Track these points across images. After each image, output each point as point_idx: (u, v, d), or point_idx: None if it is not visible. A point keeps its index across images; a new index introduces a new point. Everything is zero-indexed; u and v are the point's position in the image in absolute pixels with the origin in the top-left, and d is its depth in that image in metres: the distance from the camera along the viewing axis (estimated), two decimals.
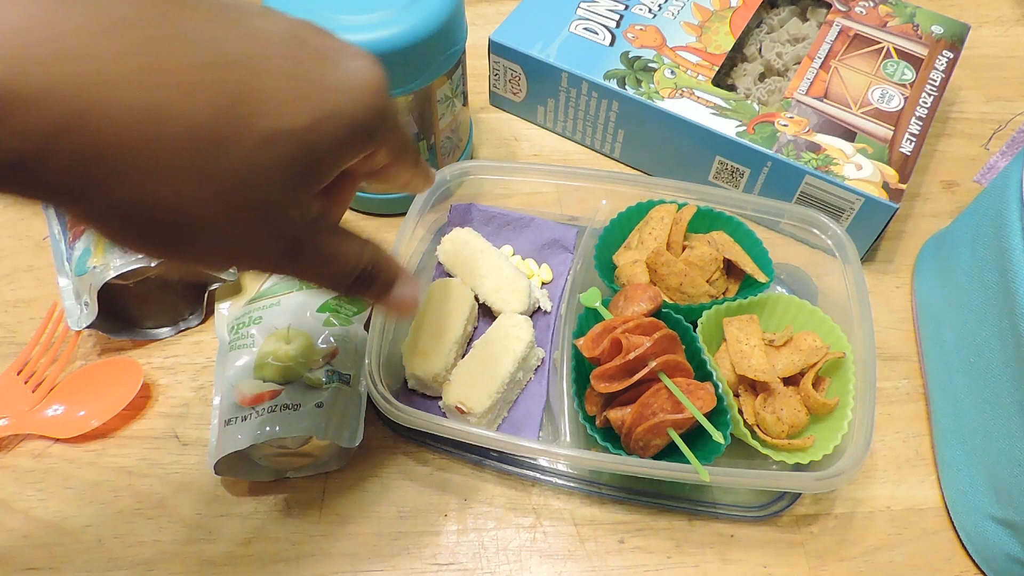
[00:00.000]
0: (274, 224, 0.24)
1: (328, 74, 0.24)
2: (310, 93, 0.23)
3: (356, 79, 0.25)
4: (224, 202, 0.22)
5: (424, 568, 0.40)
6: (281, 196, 0.24)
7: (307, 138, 0.23)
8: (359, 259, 0.28)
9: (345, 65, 0.25)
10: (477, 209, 0.51)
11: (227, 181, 0.22)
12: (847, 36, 0.57)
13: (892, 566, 0.41)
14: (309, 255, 0.26)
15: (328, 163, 0.25)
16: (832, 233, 0.46)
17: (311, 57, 0.24)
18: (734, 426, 0.40)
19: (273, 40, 0.23)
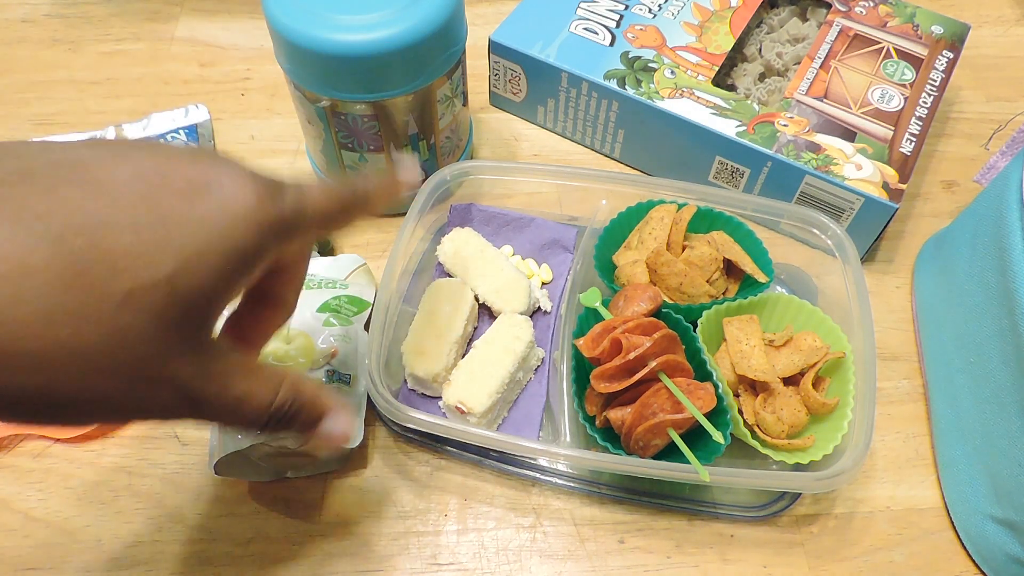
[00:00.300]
0: (157, 380, 0.23)
1: (192, 209, 0.23)
2: (168, 238, 0.22)
3: (226, 204, 0.24)
4: (97, 371, 0.22)
5: (424, 568, 0.40)
6: (158, 350, 0.23)
7: (173, 286, 0.22)
8: (270, 400, 0.27)
9: (212, 193, 0.24)
10: (477, 209, 0.51)
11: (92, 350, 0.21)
12: (847, 36, 0.57)
13: (892, 566, 0.41)
14: (211, 402, 0.25)
15: (208, 302, 0.24)
16: (832, 233, 0.46)
17: (171, 196, 0.23)
18: (734, 426, 0.40)
19: (122, 190, 0.22)
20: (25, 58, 0.63)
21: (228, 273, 0.24)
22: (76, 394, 0.22)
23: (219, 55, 0.64)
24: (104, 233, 0.21)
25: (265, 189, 0.25)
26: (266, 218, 0.25)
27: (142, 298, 0.22)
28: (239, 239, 0.24)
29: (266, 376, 0.27)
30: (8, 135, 0.58)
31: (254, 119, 0.60)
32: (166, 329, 0.23)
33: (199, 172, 0.24)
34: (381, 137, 0.47)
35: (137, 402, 0.24)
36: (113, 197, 0.22)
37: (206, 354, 0.25)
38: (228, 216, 0.24)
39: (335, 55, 0.41)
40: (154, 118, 0.55)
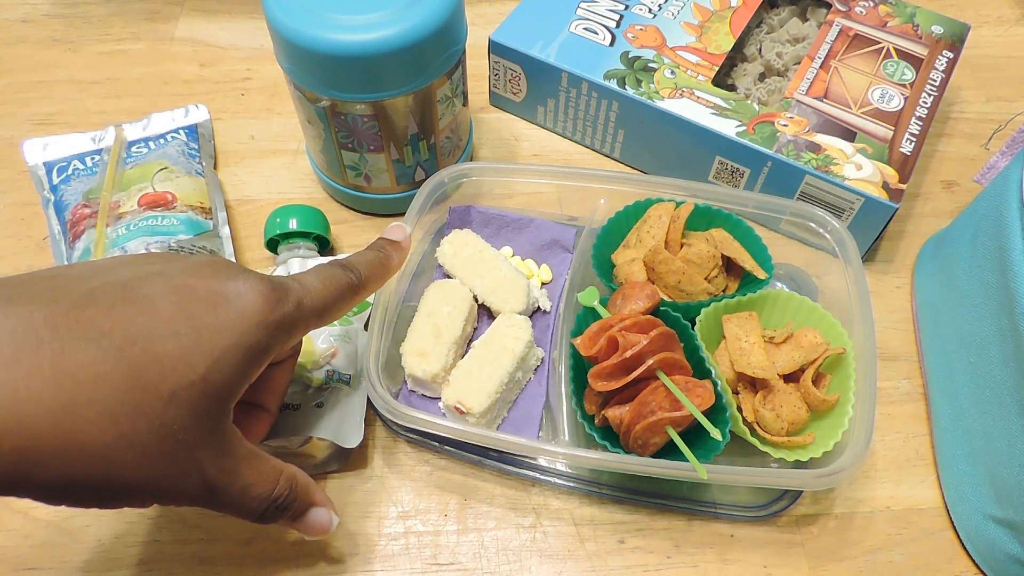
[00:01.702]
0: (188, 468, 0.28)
1: (216, 317, 0.28)
2: (200, 343, 0.27)
3: (242, 310, 0.29)
4: (146, 457, 0.26)
5: (424, 568, 0.40)
6: (192, 439, 0.27)
7: (206, 383, 0.27)
8: (272, 487, 0.31)
9: (231, 301, 0.28)
10: (476, 211, 0.51)
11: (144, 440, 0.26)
12: (847, 36, 0.57)
13: (892, 566, 0.41)
14: (223, 490, 0.29)
15: (230, 394, 0.29)
16: (832, 229, 0.46)
17: (199, 306, 0.28)
18: (733, 424, 0.40)
19: (161, 304, 0.27)
20: (25, 58, 0.63)
21: (246, 367, 0.29)
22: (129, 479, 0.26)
23: (219, 55, 0.64)
24: (152, 342, 0.26)
25: (272, 293, 0.30)
26: (274, 319, 0.30)
27: (183, 395, 0.26)
28: (255, 338, 0.29)
29: (268, 467, 0.31)
30: (8, 135, 0.58)
31: (254, 119, 0.60)
32: (198, 420, 0.27)
33: (219, 284, 0.29)
34: (381, 137, 0.47)
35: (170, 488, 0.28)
36: (156, 311, 0.27)
37: (223, 442, 0.29)
38: (245, 320, 0.29)
39: (335, 55, 0.41)
40: (154, 118, 0.55)
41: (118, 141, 0.52)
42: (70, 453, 0.25)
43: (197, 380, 0.27)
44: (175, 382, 0.26)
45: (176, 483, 0.28)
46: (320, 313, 0.33)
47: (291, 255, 0.48)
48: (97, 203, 0.48)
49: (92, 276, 0.28)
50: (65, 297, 0.26)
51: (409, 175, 0.51)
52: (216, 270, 0.30)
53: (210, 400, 0.27)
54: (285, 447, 0.40)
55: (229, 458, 0.29)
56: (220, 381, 0.28)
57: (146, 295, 0.27)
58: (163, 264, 0.29)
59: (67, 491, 0.26)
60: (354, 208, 0.54)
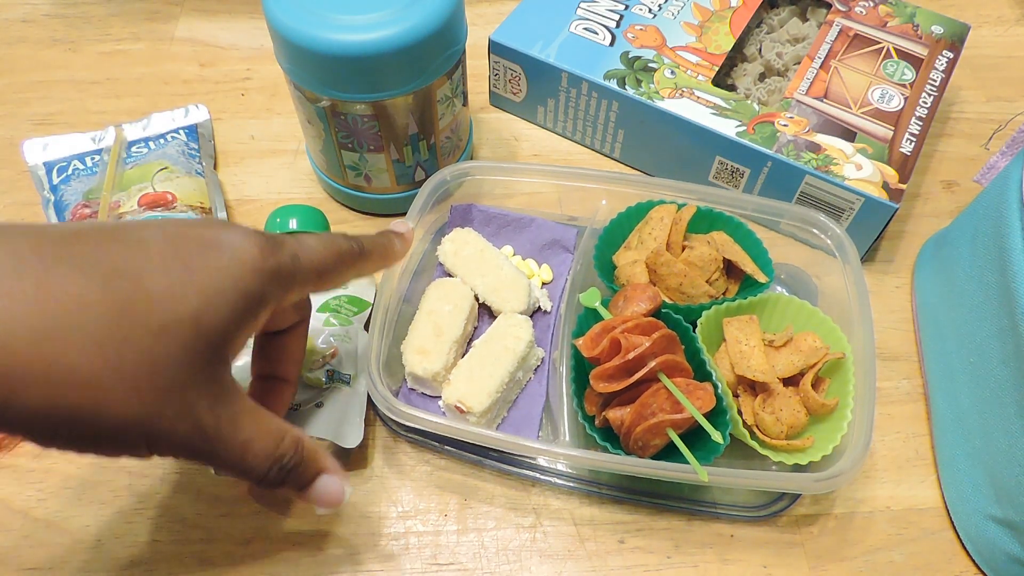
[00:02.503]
0: (180, 410, 0.27)
1: (209, 260, 0.27)
2: (192, 281, 0.27)
3: (235, 256, 0.28)
4: (136, 391, 0.25)
5: (424, 568, 0.40)
6: (185, 378, 0.26)
7: (198, 321, 0.26)
8: (276, 445, 0.30)
9: (223, 247, 0.28)
10: (477, 210, 0.51)
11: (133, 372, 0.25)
12: (847, 36, 0.57)
13: (892, 566, 0.41)
14: (221, 439, 0.28)
15: (225, 338, 0.28)
16: (832, 233, 0.46)
17: (191, 248, 0.27)
18: (733, 426, 0.40)
19: (152, 245, 0.27)
20: (25, 58, 0.63)
21: (241, 313, 0.28)
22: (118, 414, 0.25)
23: (219, 55, 0.64)
24: (142, 277, 0.26)
25: (267, 243, 0.29)
26: (268, 267, 0.29)
27: (174, 330, 0.26)
28: (249, 284, 0.28)
29: (273, 425, 0.30)
30: (8, 135, 0.58)
31: (254, 119, 0.60)
32: (191, 359, 0.26)
33: (211, 232, 0.28)
34: (381, 137, 0.47)
35: (162, 431, 0.27)
36: (146, 250, 0.26)
37: (221, 390, 0.28)
38: (238, 265, 0.28)
39: (335, 55, 0.41)
40: (154, 118, 0.55)
41: (118, 141, 0.52)
42: (53, 378, 0.24)
43: (188, 317, 0.26)
44: (165, 316, 0.26)
45: (169, 425, 0.26)
46: (319, 272, 0.32)
47: None
48: (97, 203, 0.48)
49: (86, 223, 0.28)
50: (53, 232, 0.26)
51: (409, 175, 0.51)
52: (209, 222, 0.29)
53: (204, 341, 0.27)
54: None
55: (227, 408, 0.28)
56: (214, 323, 0.27)
57: (136, 237, 0.27)
58: (157, 220, 0.30)
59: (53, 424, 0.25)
60: (354, 208, 0.54)
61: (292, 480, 0.31)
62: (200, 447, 0.28)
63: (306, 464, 0.31)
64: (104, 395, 0.25)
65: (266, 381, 0.37)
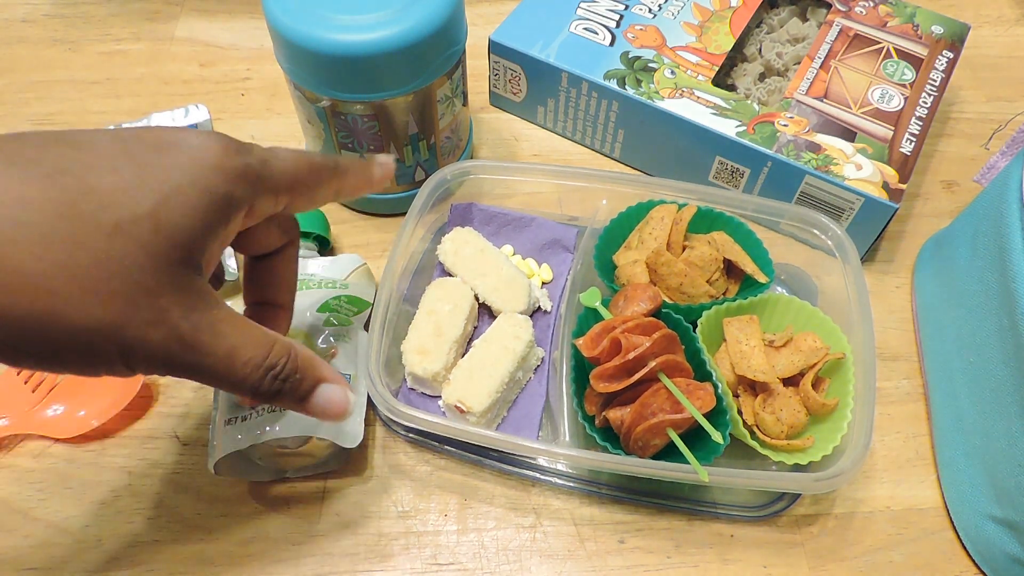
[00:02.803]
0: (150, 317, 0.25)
1: (164, 159, 0.25)
2: (147, 179, 0.25)
3: (194, 155, 0.26)
4: (94, 294, 0.23)
5: (424, 568, 0.40)
6: (149, 282, 0.24)
7: (156, 219, 0.24)
8: (263, 357, 0.28)
9: (181, 147, 0.26)
10: (477, 209, 0.51)
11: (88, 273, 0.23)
12: (847, 36, 0.57)
13: (892, 566, 0.41)
14: (203, 349, 0.26)
15: (190, 239, 0.25)
16: (832, 234, 0.46)
17: (145, 149, 0.25)
18: (733, 426, 0.40)
19: (103, 144, 0.25)
20: (25, 58, 0.63)
21: (205, 212, 0.26)
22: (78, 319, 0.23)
23: (219, 55, 0.64)
24: (89, 174, 0.24)
25: (230, 144, 0.27)
26: (233, 167, 0.27)
27: (129, 229, 0.24)
28: (210, 182, 0.26)
29: (259, 332, 0.28)
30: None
31: (254, 119, 0.60)
32: (155, 261, 0.24)
33: (167, 134, 0.26)
34: (381, 137, 0.47)
35: (135, 339, 0.25)
36: (94, 150, 0.25)
37: (197, 297, 0.26)
38: (196, 163, 0.26)
39: (335, 55, 0.41)
40: (154, 118, 0.55)
41: None
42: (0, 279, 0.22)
43: (144, 215, 0.24)
44: (117, 214, 0.24)
45: (140, 333, 0.24)
46: (291, 181, 0.29)
47: None
48: None
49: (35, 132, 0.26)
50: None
51: (409, 175, 0.51)
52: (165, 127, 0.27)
53: (167, 241, 0.25)
54: (285, 447, 0.40)
55: (205, 315, 0.26)
56: (175, 221, 0.25)
57: (83, 139, 0.25)
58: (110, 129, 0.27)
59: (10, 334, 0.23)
60: (354, 208, 0.54)
61: (289, 391, 0.29)
62: (181, 356, 0.26)
63: (302, 372, 0.29)
64: (59, 300, 0.23)
65: (260, 308, 0.35)
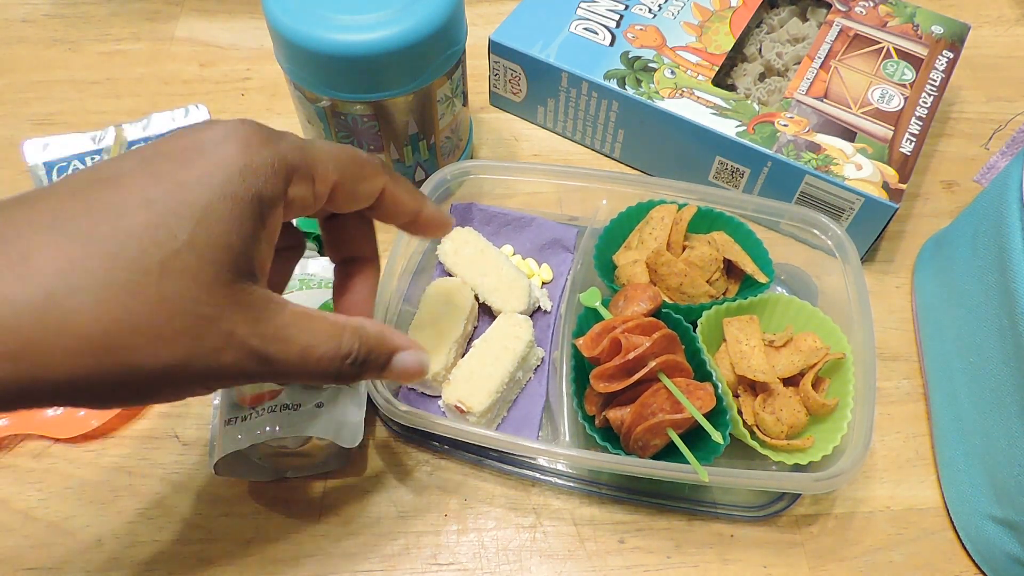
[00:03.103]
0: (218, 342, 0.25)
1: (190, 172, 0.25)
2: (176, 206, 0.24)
3: (219, 160, 0.25)
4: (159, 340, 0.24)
5: (424, 568, 0.40)
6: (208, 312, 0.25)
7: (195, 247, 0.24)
8: (335, 349, 0.28)
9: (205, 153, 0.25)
10: (477, 209, 0.52)
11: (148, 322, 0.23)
12: (847, 36, 0.57)
13: (892, 566, 0.41)
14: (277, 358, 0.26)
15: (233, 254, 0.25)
16: (832, 234, 0.46)
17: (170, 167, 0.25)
18: (733, 426, 0.40)
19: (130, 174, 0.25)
20: (25, 58, 0.63)
21: (241, 224, 0.25)
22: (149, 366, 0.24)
23: (219, 55, 0.64)
24: (122, 216, 0.24)
25: (256, 134, 0.27)
26: (260, 162, 0.26)
27: (175, 265, 0.24)
28: (239, 185, 0.25)
29: (327, 325, 0.28)
30: (8, 135, 0.58)
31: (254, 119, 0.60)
32: (207, 288, 0.24)
33: (192, 137, 0.26)
34: (381, 137, 0.47)
35: (209, 368, 0.25)
36: (123, 184, 0.24)
37: (259, 308, 0.26)
38: (223, 167, 0.25)
39: (335, 55, 0.41)
40: (154, 118, 0.55)
41: (118, 141, 0.52)
42: (69, 347, 0.23)
43: (183, 247, 0.24)
44: (159, 254, 0.24)
45: (214, 360, 0.25)
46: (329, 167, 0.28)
47: None
48: None
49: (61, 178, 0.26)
50: (27, 198, 0.24)
51: (409, 175, 0.51)
52: (189, 127, 0.27)
53: (213, 265, 0.24)
54: (285, 447, 0.40)
55: (270, 323, 0.26)
56: (215, 243, 0.25)
57: (112, 172, 0.25)
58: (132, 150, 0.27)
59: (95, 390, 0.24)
60: None
61: (369, 369, 0.30)
62: (256, 369, 0.26)
63: (376, 350, 0.30)
64: (126, 353, 0.23)
65: (347, 264, 0.34)
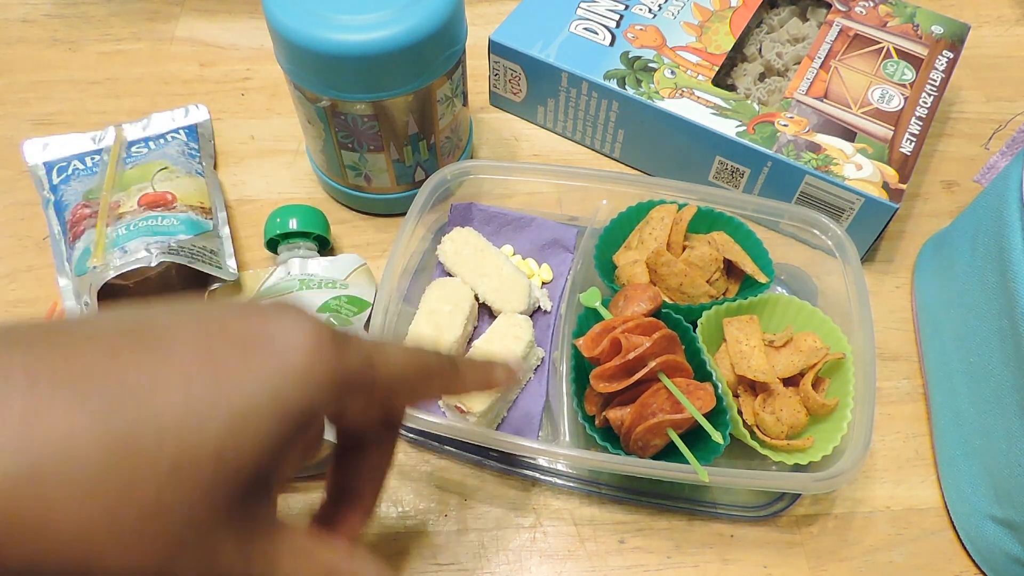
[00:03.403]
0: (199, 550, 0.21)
1: (247, 363, 0.22)
2: (217, 399, 0.21)
3: (283, 358, 0.22)
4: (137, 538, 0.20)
5: (424, 568, 0.40)
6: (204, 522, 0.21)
7: (219, 451, 0.21)
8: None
9: (272, 344, 0.22)
10: (477, 209, 0.51)
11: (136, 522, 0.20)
12: (847, 36, 0.57)
13: (892, 566, 0.41)
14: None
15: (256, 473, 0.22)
16: (832, 234, 0.46)
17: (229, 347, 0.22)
18: (733, 426, 0.40)
19: (180, 342, 0.21)
20: (25, 58, 0.63)
21: (280, 435, 0.22)
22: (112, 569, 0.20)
23: (219, 55, 0.64)
24: (155, 393, 0.20)
25: (329, 340, 0.23)
26: (326, 371, 0.23)
27: (188, 468, 0.20)
28: (292, 396, 0.22)
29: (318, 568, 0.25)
30: (8, 135, 0.58)
31: (254, 119, 0.60)
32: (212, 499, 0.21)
33: (260, 323, 0.23)
34: (381, 137, 0.47)
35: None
36: (169, 353, 0.21)
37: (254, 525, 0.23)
38: (281, 371, 0.22)
39: (335, 55, 0.41)
40: (154, 118, 0.55)
41: (118, 141, 0.52)
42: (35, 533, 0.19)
43: (208, 452, 0.20)
44: (176, 449, 0.20)
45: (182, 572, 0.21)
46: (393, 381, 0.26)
47: (291, 255, 0.48)
48: (97, 203, 0.48)
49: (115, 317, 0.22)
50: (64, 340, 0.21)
51: (409, 175, 0.51)
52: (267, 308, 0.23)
53: (231, 477, 0.21)
54: None
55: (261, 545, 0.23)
56: (242, 451, 0.21)
57: (163, 334, 0.21)
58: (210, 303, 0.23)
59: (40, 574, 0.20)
60: (354, 208, 0.54)
61: None
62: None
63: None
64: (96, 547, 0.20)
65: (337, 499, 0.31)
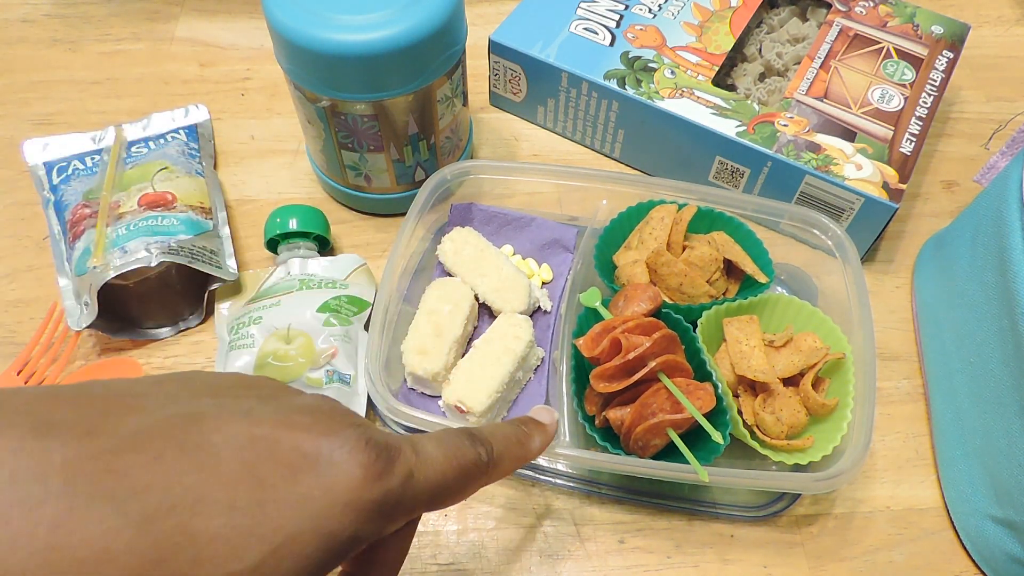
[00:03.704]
0: None
1: (293, 486, 0.21)
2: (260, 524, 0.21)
3: (331, 483, 0.22)
4: None
5: (424, 568, 0.40)
6: None
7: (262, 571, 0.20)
8: None
9: (320, 468, 0.22)
10: (477, 209, 0.51)
11: None
12: (847, 36, 0.57)
13: (892, 566, 0.41)
14: None
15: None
16: (832, 234, 0.46)
17: (276, 468, 0.21)
18: (733, 426, 0.40)
19: (228, 458, 0.21)
20: (25, 58, 0.63)
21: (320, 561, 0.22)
22: None
23: (219, 55, 0.64)
24: (196, 513, 0.20)
25: (376, 462, 0.23)
26: (371, 499, 0.23)
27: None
28: (339, 523, 0.22)
29: None
30: (8, 135, 0.58)
31: (254, 119, 0.60)
32: None
33: (311, 441, 0.22)
34: (381, 137, 0.47)
35: None
36: (215, 468, 0.21)
37: None
38: (328, 497, 0.22)
39: (335, 55, 0.41)
40: (154, 118, 0.55)
41: (118, 141, 0.52)
42: None
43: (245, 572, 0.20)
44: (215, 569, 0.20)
45: None
46: (433, 495, 0.25)
47: (291, 255, 0.48)
48: (97, 203, 0.48)
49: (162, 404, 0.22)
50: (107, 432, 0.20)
51: (409, 175, 0.51)
52: (316, 419, 0.23)
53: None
54: None
55: None
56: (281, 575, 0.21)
57: (211, 443, 0.21)
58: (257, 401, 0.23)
59: None
60: (354, 208, 0.54)
61: None
62: None
63: None
64: None
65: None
